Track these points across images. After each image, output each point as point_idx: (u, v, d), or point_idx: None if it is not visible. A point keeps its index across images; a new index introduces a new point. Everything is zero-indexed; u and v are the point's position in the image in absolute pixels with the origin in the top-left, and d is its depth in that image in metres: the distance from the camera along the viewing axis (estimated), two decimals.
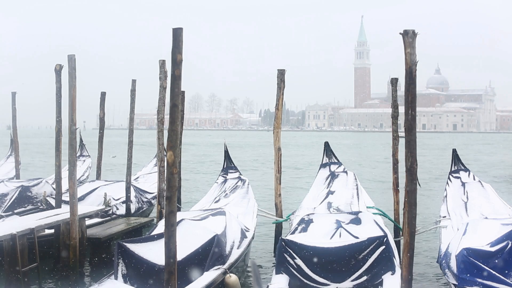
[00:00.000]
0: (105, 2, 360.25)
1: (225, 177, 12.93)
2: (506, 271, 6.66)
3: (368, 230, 8.00)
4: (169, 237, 5.79)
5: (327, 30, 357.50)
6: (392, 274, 7.22)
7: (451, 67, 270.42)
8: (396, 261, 7.62)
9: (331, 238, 7.90)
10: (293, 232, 8.56)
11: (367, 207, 10.37)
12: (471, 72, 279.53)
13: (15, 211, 11.96)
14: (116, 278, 7.35)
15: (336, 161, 13.26)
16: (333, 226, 8.27)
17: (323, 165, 13.08)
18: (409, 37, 6.25)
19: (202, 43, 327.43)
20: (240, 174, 13.10)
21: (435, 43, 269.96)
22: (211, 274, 7.32)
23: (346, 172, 12.40)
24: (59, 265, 9.70)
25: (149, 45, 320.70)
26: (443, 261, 7.74)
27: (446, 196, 11.08)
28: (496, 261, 6.75)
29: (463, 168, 12.34)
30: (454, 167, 12.38)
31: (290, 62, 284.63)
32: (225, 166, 13.51)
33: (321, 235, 8.03)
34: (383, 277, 7.19)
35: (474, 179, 11.73)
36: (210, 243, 7.70)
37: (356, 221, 8.49)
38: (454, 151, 12.71)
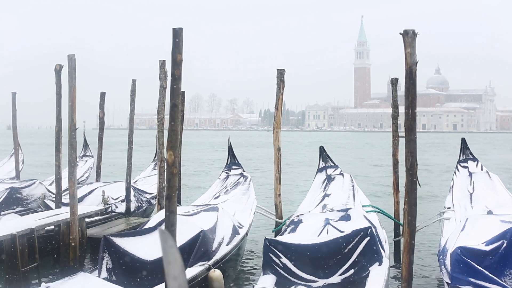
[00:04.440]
0: (105, 2, 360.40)
1: (228, 173, 12.93)
2: (500, 271, 6.60)
3: (356, 225, 7.94)
4: None
5: (327, 30, 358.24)
6: (379, 265, 7.20)
7: (451, 67, 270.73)
8: (385, 252, 7.61)
9: (318, 236, 7.88)
10: (282, 234, 8.55)
11: (362, 205, 10.36)
12: (471, 72, 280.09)
13: (2, 213, 11.85)
14: (99, 272, 7.36)
15: (332, 164, 13.22)
16: (321, 224, 8.24)
17: (319, 170, 13.02)
18: (409, 37, 6.25)
19: (202, 43, 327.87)
20: (243, 170, 13.08)
21: (435, 42, 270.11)
22: (194, 270, 7.31)
23: (342, 174, 12.34)
24: (59, 264, 9.70)
25: (149, 45, 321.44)
26: (440, 257, 7.69)
27: (452, 186, 10.93)
28: (491, 260, 6.67)
29: (471, 157, 12.10)
30: (463, 156, 12.14)
31: (290, 62, 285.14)
32: (228, 162, 13.50)
33: (309, 234, 8.02)
34: (370, 268, 7.16)
35: (482, 169, 11.50)
36: (196, 238, 7.70)
37: (346, 217, 8.44)
38: (463, 140, 12.45)
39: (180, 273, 1.73)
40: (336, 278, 7.17)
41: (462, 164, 11.82)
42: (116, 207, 13.15)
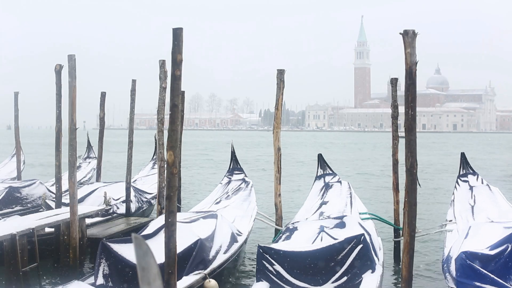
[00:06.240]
0: (105, 2, 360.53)
1: (230, 178, 12.92)
2: (506, 275, 6.59)
3: (350, 232, 7.92)
4: (169, 237, 5.80)
5: (327, 30, 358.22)
6: (372, 273, 7.19)
7: (451, 66, 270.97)
8: (379, 259, 7.58)
9: (312, 243, 7.85)
10: (277, 242, 8.52)
11: (360, 213, 10.33)
12: (471, 71, 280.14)
13: (1, 212, 11.81)
14: (96, 278, 7.35)
15: (330, 172, 13.19)
16: (316, 231, 8.21)
17: (318, 177, 12.99)
18: (409, 37, 6.25)
19: (202, 42, 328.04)
20: (245, 175, 13.07)
21: (435, 41, 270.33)
22: (189, 279, 7.27)
23: (340, 182, 12.34)
24: (59, 265, 9.70)
25: (149, 45, 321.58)
26: (445, 265, 7.69)
27: (453, 200, 11.01)
28: (496, 264, 6.67)
29: (471, 172, 12.24)
30: (463, 171, 12.28)
31: (290, 62, 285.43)
32: (231, 167, 13.49)
33: (303, 241, 7.99)
34: (363, 276, 7.15)
35: (482, 182, 11.65)
36: (192, 247, 7.66)
37: (341, 225, 8.42)
38: (463, 154, 12.56)
39: (155, 279, 1.67)
40: (329, 286, 7.17)
41: (463, 179, 11.93)
42: (118, 208, 13.16)
